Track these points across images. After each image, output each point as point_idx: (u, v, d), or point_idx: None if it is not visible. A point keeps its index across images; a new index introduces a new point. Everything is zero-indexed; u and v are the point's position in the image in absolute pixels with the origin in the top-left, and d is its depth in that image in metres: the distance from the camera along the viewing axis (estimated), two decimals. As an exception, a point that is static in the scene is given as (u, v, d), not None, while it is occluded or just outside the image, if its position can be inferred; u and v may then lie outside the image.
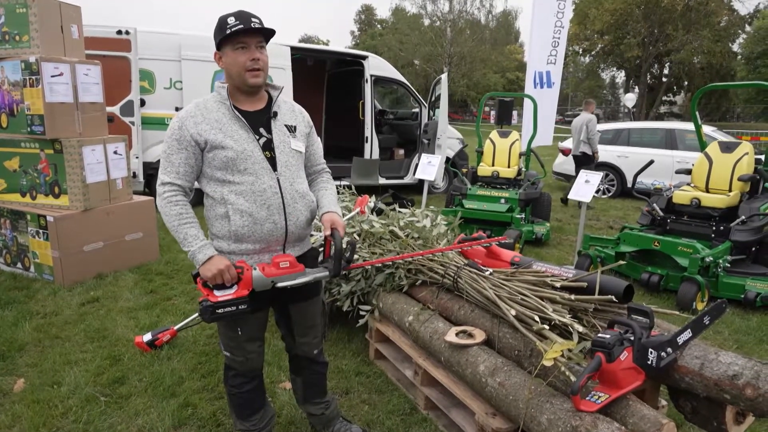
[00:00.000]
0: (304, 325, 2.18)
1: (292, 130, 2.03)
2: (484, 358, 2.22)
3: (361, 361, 3.14)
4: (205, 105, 1.92)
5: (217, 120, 1.89)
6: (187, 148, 1.87)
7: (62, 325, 3.61)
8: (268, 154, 1.93)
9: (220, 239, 1.93)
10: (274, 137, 1.96)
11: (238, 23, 1.83)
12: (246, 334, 2.03)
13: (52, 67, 4.24)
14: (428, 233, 3.03)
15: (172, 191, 1.87)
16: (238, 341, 2.04)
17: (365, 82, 8.82)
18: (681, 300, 4.20)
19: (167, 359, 3.12)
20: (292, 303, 2.12)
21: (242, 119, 1.92)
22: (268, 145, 1.94)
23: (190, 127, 1.87)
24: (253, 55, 1.87)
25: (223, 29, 1.85)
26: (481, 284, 2.46)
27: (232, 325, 2.00)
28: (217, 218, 1.91)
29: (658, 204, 5.19)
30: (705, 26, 28.87)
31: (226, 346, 2.08)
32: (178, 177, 1.88)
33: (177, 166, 1.88)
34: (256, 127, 1.94)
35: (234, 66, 1.88)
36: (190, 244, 1.83)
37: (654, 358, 1.82)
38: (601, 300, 2.13)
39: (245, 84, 1.90)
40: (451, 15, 39.85)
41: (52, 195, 4.52)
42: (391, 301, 2.95)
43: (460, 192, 6.47)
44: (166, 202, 1.86)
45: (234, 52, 1.87)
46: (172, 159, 1.88)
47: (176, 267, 4.94)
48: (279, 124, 2.00)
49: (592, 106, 9.25)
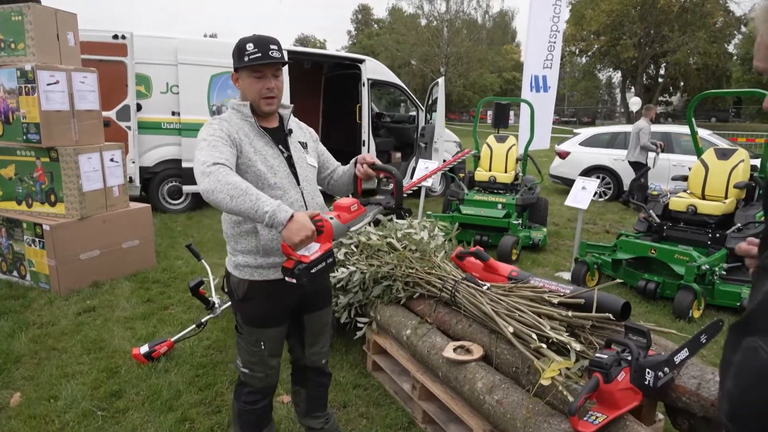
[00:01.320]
0: (315, 334, 2.20)
1: (305, 146, 2.10)
2: (482, 374, 2.22)
3: (358, 373, 3.14)
4: (230, 120, 1.91)
5: (246, 134, 1.90)
6: (231, 146, 1.81)
7: (59, 336, 3.60)
8: (292, 170, 1.98)
9: (246, 255, 1.93)
10: (293, 153, 2.02)
11: (256, 51, 1.84)
12: (269, 349, 2.04)
13: (48, 75, 4.22)
14: (425, 245, 3.04)
15: (227, 168, 1.70)
16: (261, 356, 2.04)
17: (362, 86, 8.82)
18: (677, 308, 4.21)
19: (164, 371, 3.12)
20: (307, 312, 2.14)
21: (267, 135, 1.96)
22: (289, 161, 1.99)
23: (230, 131, 1.84)
24: (268, 84, 1.90)
25: (242, 56, 1.86)
26: (478, 299, 2.47)
27: (254, 342, 2.01)
28: (243, 234, 1.92)
29: (655, 210, 5.22)
30: (701, 27, 28.98)
31: (245, 362, 2.07)
32: (229, 163, 1.73)
33: (227, 155, 1.75)
34: (277, 144, 1.99)
35: (250, 93, 1.91)
36: (266, 204, 1.59)
37: (651, 378, 1.83)
38: (598, 317, 2.13)
39: (259, 110, 1.95)
40: (448, 15, 39.95)
41: (48, 203, 4.50)
42: (388, 314, 2.95)
43: (457, 197, 6.49)
44: (224, 174, 1.65)
45: (250, 79, 1.89)
46: (219, 148, 1.75)
47: (173, 274, 4.93)
48: (294, 141, 2.06)
49: (653, 112, 8.98)
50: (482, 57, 40.11)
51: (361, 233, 3.22)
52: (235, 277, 2.00)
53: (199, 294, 3.15)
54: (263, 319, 2.00)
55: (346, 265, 3.11)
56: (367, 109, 8.86)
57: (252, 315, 2.00)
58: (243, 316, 2.02)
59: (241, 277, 1.97)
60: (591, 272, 4.98)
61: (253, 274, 1.95)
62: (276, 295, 1.98)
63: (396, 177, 1.97)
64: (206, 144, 1.77)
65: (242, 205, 1.60)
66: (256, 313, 2.00)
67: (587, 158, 10.19)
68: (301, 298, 2.07)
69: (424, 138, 8.60)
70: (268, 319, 2.01)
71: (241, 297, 1.99)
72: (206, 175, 1.66)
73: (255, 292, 1.97)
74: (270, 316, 2.01)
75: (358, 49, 43.17)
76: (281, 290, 1.96)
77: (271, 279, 1.95)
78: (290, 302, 2.04)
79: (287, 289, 1.99)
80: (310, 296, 2.10)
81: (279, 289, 1.95)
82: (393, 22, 45.78)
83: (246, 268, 1.95)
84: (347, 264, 3.12)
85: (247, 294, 1.98)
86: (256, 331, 2.01)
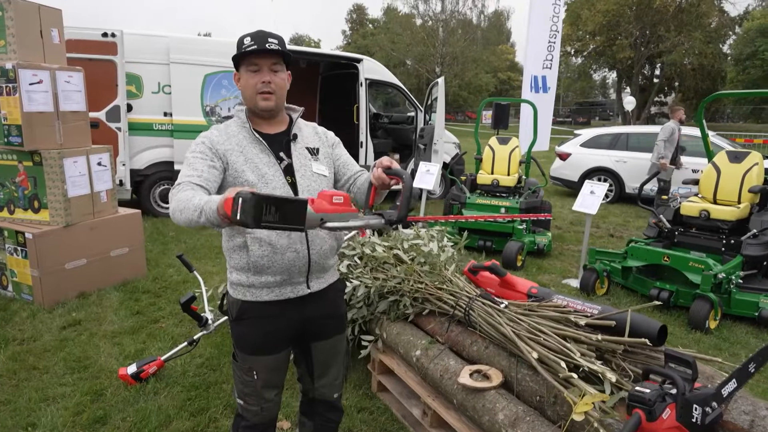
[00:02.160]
0: (325, 364, 1.97)
1: (314, 152, 1.88)
2: (503, 404, 2.02)
3: (363, 394, 2.93)
4: (226, 129, 1.80)
5: (239, 143, 1.76)
6: (213, 159, 1.70)
7: (40, 353, 3.37)
8: (290, 179, 1.77)
9: (239, 272, 1.76)
10: (294, 161, 1.81)
11: (252, 44, 1.72)
12: (263, 379, 1.83)
13: (31, 74, 3.98)
14: (435, 258, 2.83)
15: (185, 184, 1.59)
16: (254, 387, 1.83)
17: (360, 86, 8.61)
18: (693, 319, 4.03)
19: (153, 394, 2.89)
20: (315, 340, 1.91)
21: (263, 142, 1.77)
22: (288, 170, 1.78)
23: (215, 144, 1.73)
24: (263, 78, 1.73)
25: (239, 49, 1.75)
26: (496, 319, 2.26)
27: (247, 370, 1.81)
28: (235, 249, 1.75)
29: (665, 215, 5.04)
30: (696, 27, 28.93)
31: (240, 393, 1.87)
32: (199, 179, 1.62)
33: (200, 170, 1.65)
34: (276, 151, 1.79)
35: (246, 88, 1.77)
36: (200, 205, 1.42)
37: (699, 415, 1.63)
38: (632, 342, 1.93)
39: (256, 107, 1.77)
40: (443, 15, 39.79)
41: (32, 209, 4.26)
42: (395, 332, 2.74)
43: (459, 201, 6.29)
44: (177, 191, 1.56)
45: (247, 74, 1.76)
46: (195, 165, 1.67)
47: (164, 284, 4.70)
48: (299, 147, 1.84)
49: (679, 113, 8.09)
50: (477, 57, 39.96)
51: (365, 244, 3.01)
52: (230, 295, 1.82)
53: (191, 310, 2.93)
54: (256, 345, 1.79)
55: (350, 279, 2.90)
56: (365, 110, 8.65)
57: (244, 340, 1.80)
58: (236, 341, 1.83)
59: (235, 296, 1.79)
60: (600, 280, 4.80)
61: (246, 294, 1.77)
62: (270, 319, 1.77)
63: (405, 182, 1.67)
64: (185, 164, 1.69)
65: (188, 213, 1.47)
66: (248, 337, 1.79)
67: (588, 160, 10.03)
68: (306, 323, 1.85)
69: (423, 139, 8.39)
70: (262, 346, 1.80)
71: (235, 318, 1.81)
72: (170, 198, 1.59)
73: (247, 313, 1.78)
74: (264, 343, 1.79)
75: (353, 48, 42.88)
76: (277, 314, 1.77)
77: (264, 300, 1.76)
78: (287, 328, 1.82)
79: (284, 313, 1.79)
80: (317, 321, 1.87)
81: (274, 312, 1.76)
82: (388, 22, 45.58)
83: (239, 287, 1.78)
84: (350, 277, 2.90)
85: (240, 315, 1.78)
86: (249, 358, 1.81)
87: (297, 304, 1.80)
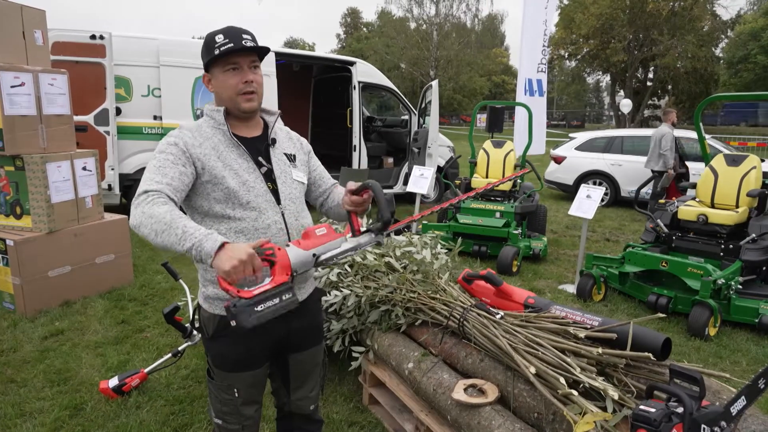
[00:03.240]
0: (302, 376, 1.88)
1: (292, 159, 1.79)
2: (499, 422, 1.92)
3: (353, 407, 2.82)
4: (199, 131, 1.65)
5: (214, 147, 1.62)
6: (185, 165, 1.56)
7: (20, 365, 3.24)
8: (271, 186, 1.67)
9: (216, 285, 1.60)
10: (275, 167, 1.71)
11: (227, 42, 1.58)
12: (243, 396, 1.73)
13: (12, 76, 3.86)
14: (428, 266, 2.73)
15: (157, 195, 1.46)
16: (233, 406, 1.73)
17: (353, 89, 8.52)
18: (693, 325, 3.95)
19: (135, 408, 2.77)
20: (293, 352, 1.82)
21: (242, 146, 1.65)
22: (269, 176, 1.68)
23: (189, 146, 1.59)
24: (245, 77, 1.62)
25: (211, 49, 1.60)
26: (492, 330, 2.17)
27: (226, 388, 1.71)
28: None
29: (662, 220, 4.96)
30: (689, 31, 29.02)
31: (218, 412, 1.76)
32: (170, 189, 1.49)
33: (170, 178, 1.51)
34: (255, 156, 1.68)
35: (225, 90, 1.63)
36: (191, 236, 1.35)
37: (707, 435, 1.54)
38: (635, 356, 1.84)
39: (238, 109, 1.65)
40: (437, 18, 39.80)
41: (14, 215, 4.13)
42: (387, 343, 2.64)
43: (453, 205, 6.20)
44: (150, 204, 1.42)
45: (224, 75, 1.62)
46: (166, 170, 1.52)
47: (151, 291, 4.58)
48: (278, 152, 1.74)
49: (671, 116, 8.01)
50: (471, 60, 40.00)
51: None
52: (205, 311, 1.70)
53: (175, 321, 2.81)
54: (236, 361, 1.69)
55: (340, 288, 2.80)
56: (358, 113, 8.56)
57: (223, 356, 1.69)
58: (213, 358, 1.71)
59: (212, 311, 1.67)
60: (597, 285, 4.72)
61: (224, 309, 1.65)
62: (251, 334, 1.66)
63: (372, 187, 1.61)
64: (153, 164, 1.53)
65: (167, 240, 1.37)
66: (228, 354, 1.68)
67: (583, 163, 9.97)
68: (286, 335, 1.75)
69: (417, 143, 8.31)
70: (243, 362, 1.70)
71: (211, 335, 1.68)
72: (135, 206, 1.44)
73: (227, 329, 1.65)
74: (245, 358, 1.70)
75: (348, 52, 42.86)
76: (258, 328, 1.66)
77: None
78: (270, 342, 1.72)
79: (265, 326, 1.69)
80: (297, 333, 1.78)
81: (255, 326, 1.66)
82: (382, 26, 45.54)
83: (216, 300, 1.65)
84: (341, 286, 2.80)
85: (218, 331, 1.67)
86: (229, 375, 1.70)
87: (280, 315, 1.71)
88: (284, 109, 1.90)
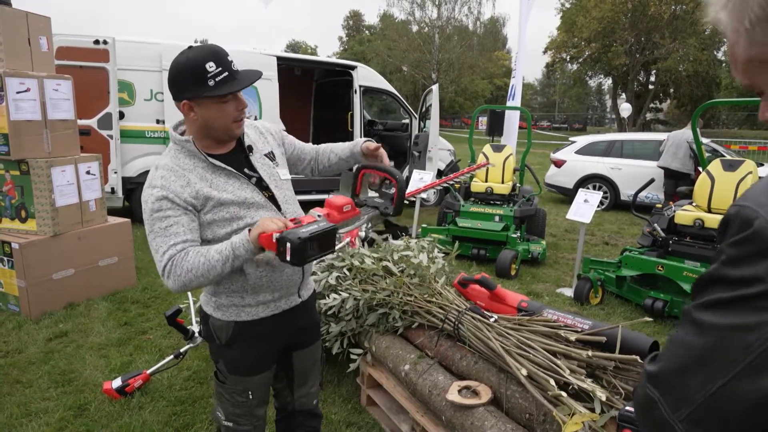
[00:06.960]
0: (305, 372, 1.95)
1: (272, 158, 1.79)
2: (492, 422, 1.97)
3: (352, 408, 2.87)
4: (178, 164, 1.59)
5: (201, 177, 1.59)
6: (185, 213, 1.55)
7: (25, 366, 3.30)
8: (267, 194, 1.70)
9: (231, 295, 1.67)
10: (262, 174, 1.71)
11: (220, 70, 1.50)
12: (257, 397, 1.80)
13: (18, 82, 3.93)
14: (425, 270, 2.78)
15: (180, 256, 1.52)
16: (248, 408, 1.79)
17: (354, 93, 8.58)
18: (688, 329, 3.99)
19: (138, 409, 2.83)
20: (296, 349, 1.89)
21: (225, 167, 1.62)
22: (260, 184, 1.70)
23: (179, 194, 1.54)
24: (240, 105, 1.59)
25: (203, 81, 1.49)
26: (485, 333, 2.22)
27: (240, 392, 1.76)
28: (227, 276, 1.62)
29: (659, 224, 5.00)
30: (691, 35, 29.07)
31: (229, 415, 1.80)
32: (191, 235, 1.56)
33: (182, 233, 1.53)
34: (240, 169, 1.67)
35: (220, 120, 1.57)
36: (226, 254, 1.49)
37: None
38: (623, 359, 1.89)
39: (229, 136, 1.64)
40: (439, 21, 39.87)
41: (19, 219, 4.20)
42: (384, 345, 2.69)
43: (453, 209, 6.25)
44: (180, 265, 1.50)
45: (217, 106, 1.54)
46: (171, 229, 1.52)
47: (154, 293, 4.64)
48: (258, 157, 1.75)
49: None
50: (473, 63, 40.05)
51: (354, 255, 2.97)
52: (217, 319, 1.71)
53: (177, 323, 2.87)
54: (251, 366, 1.75)
55: (338, 291, 2.85)
56: (359, 117, 8.63)
57: (239, 362, 1.74)
58: (228, 364, 1.74)
59: (226, 318, 1.70)
60: (594, 289, 4.76)
61: (240, 314, 1.69)
62: (265, 336, 1.74)
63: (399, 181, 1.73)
64: (158, 228, 1.54)
65: (217, 273, 1.52)
66: (243, 359, 1.73)
67: (583, 167, 10.01)
68: (295, 333, 1.83)
69: (417, 146, 8.37)
70: (257, 366, 1.76)
71: (225, 342, 1.72)
72: (167, 277, 1.53)
73: (242, 334, 1.71)
74: (258, 362, 1.76)
75: (350, 55, 43.02)
76: (271, 329, 1.73)
77: (261, 317, 1.71)
78: (280, 342, 1.80)
79: (279, 326, 1.75)
80: (300, 331, 1.86)
81: (269, 328, 1.72)
82: (384, 29, 45.63)
83: (231, 308, 1.69)
84: (339, 289, 2.86)
85: (233, 337, 1.71)
86: (244, 380, 1.76)
87: (289, 315, 1.78)
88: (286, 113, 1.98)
